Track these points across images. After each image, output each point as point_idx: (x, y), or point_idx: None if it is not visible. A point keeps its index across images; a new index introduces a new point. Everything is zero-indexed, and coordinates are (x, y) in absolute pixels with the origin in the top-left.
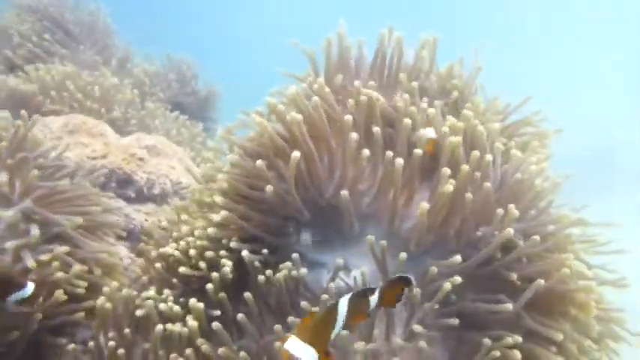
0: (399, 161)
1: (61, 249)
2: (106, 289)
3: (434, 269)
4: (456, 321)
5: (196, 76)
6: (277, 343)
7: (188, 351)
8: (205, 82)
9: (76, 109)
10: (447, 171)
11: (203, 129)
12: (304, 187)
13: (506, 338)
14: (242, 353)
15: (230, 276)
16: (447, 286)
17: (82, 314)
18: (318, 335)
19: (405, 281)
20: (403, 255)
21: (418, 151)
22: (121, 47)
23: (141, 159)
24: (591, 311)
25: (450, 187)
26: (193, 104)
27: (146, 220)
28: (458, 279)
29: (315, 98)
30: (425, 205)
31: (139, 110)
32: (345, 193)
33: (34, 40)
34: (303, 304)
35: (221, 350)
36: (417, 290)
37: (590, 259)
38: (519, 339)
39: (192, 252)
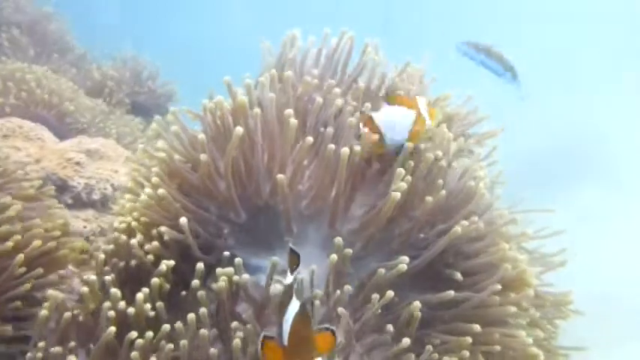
0: (343, 160)
1: None
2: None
3: (382, 271)
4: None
5: (153, 76)
6: None
7: None
8: (164, 81)
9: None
10: (401, 171)
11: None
12: (242, 185)
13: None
14: None
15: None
16: (390, 293)
17: None
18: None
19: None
20: (349, 251)
21: (357, 149)
22: (77, 48)
23: (78, 163)
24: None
25: (404, 185)
26: (150, 103)
27: (85, 227)
28: (391, 293)
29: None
30: (396, 195)
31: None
32: (284, 191)
33: None
34: (243, 308)
35: None
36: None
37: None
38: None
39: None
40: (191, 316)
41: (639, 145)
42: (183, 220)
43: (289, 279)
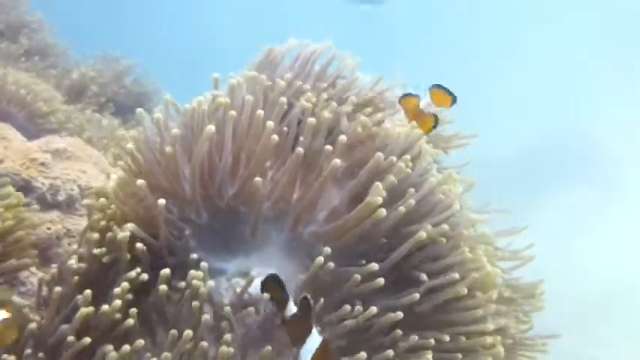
0: (299, 154)
1: None
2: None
3: (357, 277)
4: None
5: (130, 73)
6: None
7: None
8: (142, 79)
9: None
10: (378, 185)
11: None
12: (204, 185)
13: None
14: None
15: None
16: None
17: None
18: None
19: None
20: (320, 259)
21: (328, 148)
22: (57, 47)
23: (42, 164)
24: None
25: (379, 199)
26: (129, 100)
27: (48, 228)
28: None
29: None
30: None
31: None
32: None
33: None
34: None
35: None
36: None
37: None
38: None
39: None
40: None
41: (629, 144)
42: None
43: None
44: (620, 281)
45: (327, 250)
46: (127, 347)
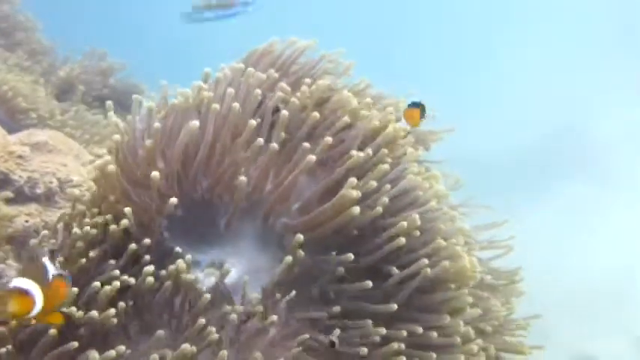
0: (274, 148)
1: None
2: None
3: (341, 270)
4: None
5: (115, 72)
6: None
7: None
8: (127, 78)
9: None
10: (353, 180)
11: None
12: (178, 177)
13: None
14: None
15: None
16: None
17: None
18: None
19: None
20: (288, 258)
21: (306, 146)
22: (45, 44)
23: (20, 157)
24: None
25: (353, 193)
26: (114, 97)
27: (26, 221)
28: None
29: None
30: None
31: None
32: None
33: None
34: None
35: None
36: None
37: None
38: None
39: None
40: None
41: (627, 142)
42: (128, 210)
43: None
44: (618, 278)
45: (300, 237)
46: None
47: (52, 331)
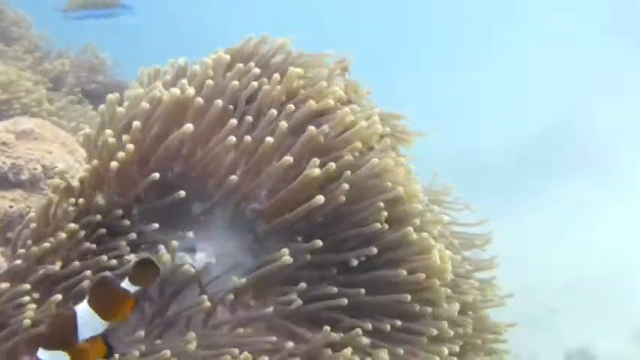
0: (247, 139)
1: None
2: None
3: (307, 257)
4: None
5: (105, 65)
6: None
7: None
8: (115, 75)
9: None
10: (316, 161)
11: None
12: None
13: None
14: None
15: None
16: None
17: None
18: None
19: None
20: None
21: (270, 140)
22: (33, 37)
23: (4, 143)
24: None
25: (315, 171)
26: (103, 91)
27: (11, 206)
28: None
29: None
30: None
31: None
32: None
33: None
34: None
35: None
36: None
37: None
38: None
39: None
40: None
41: (626, 135)
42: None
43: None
44: (617, 274)
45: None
46: None
47: None
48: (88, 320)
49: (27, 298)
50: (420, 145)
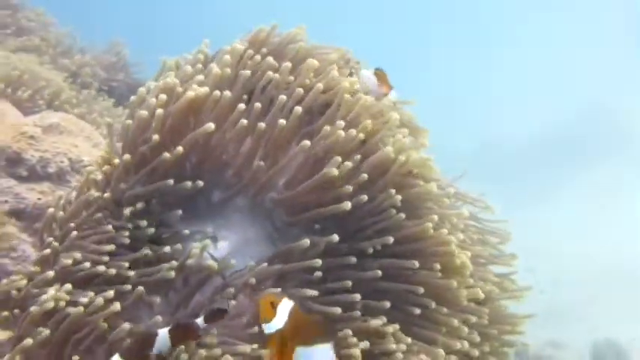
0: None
1: None
2: None
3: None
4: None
5: (127, 62)
6: None
7: None
8: (135, 73)
9: None
10: (338, 159)
11: None
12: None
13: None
14: None
15: None
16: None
17: None
18: None
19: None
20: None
21: (282, 122)
22: (55, 33)
23: (32, 137)
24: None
25: (335, 171)
26: (124, 89)
27: (39, 199)
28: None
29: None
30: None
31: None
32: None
33: None
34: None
35: None
36: None
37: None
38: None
39: None
40: None
41: None
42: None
43: None
44: None
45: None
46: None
47: None
48: (162, 342)
49: (52, 288)
50: (447, 134)
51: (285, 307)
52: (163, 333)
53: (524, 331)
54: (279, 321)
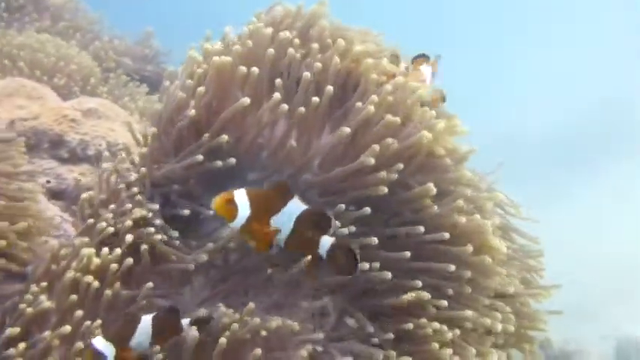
0: (301, 110)
1: None
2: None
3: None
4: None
5: (159, 51)
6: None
7: None
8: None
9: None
10: (376, 148)
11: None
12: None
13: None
14: None
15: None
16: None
17: None
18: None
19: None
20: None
21: (315, 99)
22: (86, 19)
23: (73, 120)
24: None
25: (371, 160)
26: (155, 78)
27: (79, 180)
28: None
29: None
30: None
31: (93, 77)
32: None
33: None
34: None
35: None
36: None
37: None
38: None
39: None
40: None
41: None
42: None
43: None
44: None
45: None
46: None
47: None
48: (143, 335)
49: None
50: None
51: (241, 196)
52: (146, 321)
53: (547, 329)
54: (242, 211)
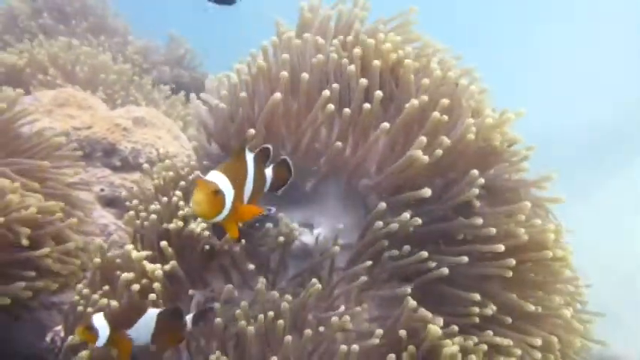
0: (347, 111)
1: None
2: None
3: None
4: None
5: (193, 57)
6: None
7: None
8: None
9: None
10: (423, 140)
11: None
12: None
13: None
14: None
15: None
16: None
17: None
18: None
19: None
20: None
21: (367, 106)
22: (120, 26)
23: (125, 129)
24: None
25: (419, 153)
26: (191, 84)
27: (132, 188)
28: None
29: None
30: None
31: (132, 85)
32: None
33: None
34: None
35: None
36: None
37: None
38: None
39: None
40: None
41: None
42: None
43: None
44: None
45: (383, 205)
46: None
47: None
48: (143, 329)
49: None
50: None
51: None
52: (151, 314)
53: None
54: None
